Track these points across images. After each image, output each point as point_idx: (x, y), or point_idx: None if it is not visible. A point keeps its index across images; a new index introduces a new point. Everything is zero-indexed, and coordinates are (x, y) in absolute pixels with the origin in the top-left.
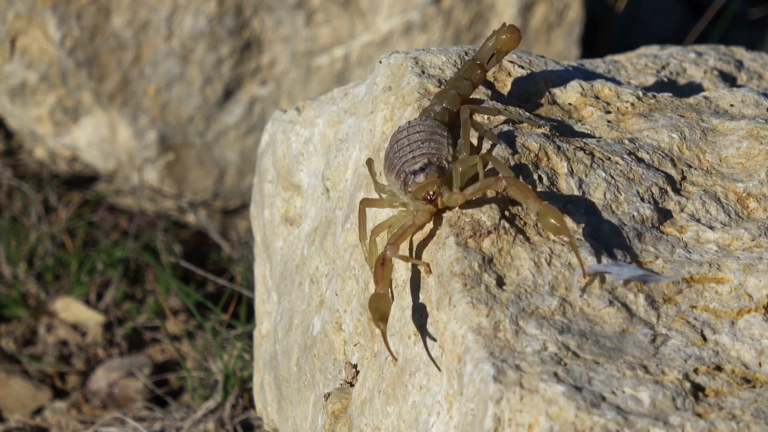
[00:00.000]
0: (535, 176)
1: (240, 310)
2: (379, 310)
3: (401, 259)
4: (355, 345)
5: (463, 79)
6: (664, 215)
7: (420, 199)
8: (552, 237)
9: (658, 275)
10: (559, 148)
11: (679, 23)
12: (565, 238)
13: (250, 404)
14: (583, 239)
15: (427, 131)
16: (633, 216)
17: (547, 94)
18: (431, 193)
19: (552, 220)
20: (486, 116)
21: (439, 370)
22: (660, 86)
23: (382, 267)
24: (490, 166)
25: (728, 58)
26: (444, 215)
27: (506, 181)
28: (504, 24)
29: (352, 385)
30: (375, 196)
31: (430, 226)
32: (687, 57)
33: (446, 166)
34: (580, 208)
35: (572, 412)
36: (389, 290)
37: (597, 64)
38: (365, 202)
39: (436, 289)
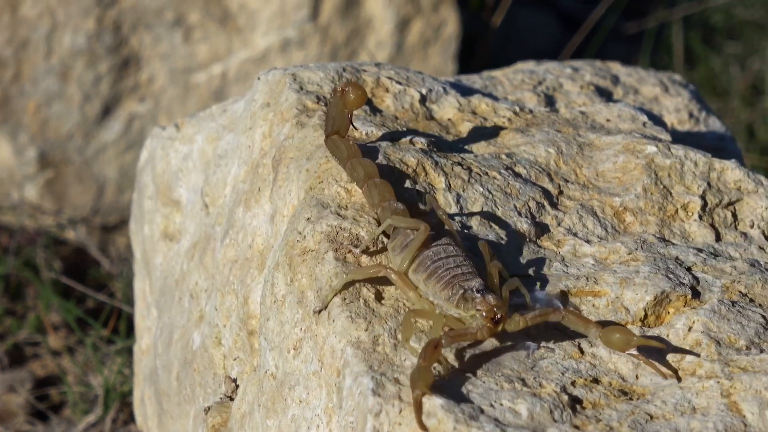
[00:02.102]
0: (413, 192)
1: (120, 325)
2: (422, 382)
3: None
4: (235, 359)
5: (348, 160)
6: (542, 230)
7: (486, 318)
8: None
9: (538, 291)
10: (437, 163)
11: (556, 38)
12: (634, 352)
13: (131, 418)
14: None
15: (455, 245)
16: (510, 230)
17: (424, 108)
18: (500, 316)
19: (618, 335)
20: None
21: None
22: (537, 102)
23: (434, 350)
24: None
25: (604, 73)
26: (318, 230)
27: (565, 311)
28: (346, 83)
29: (231, 399)
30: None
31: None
32: (563, 72)
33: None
34: (459, 220)
35: (451, 425)
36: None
37: (474, 80)
38: (415, 314)
39: (315, 304)
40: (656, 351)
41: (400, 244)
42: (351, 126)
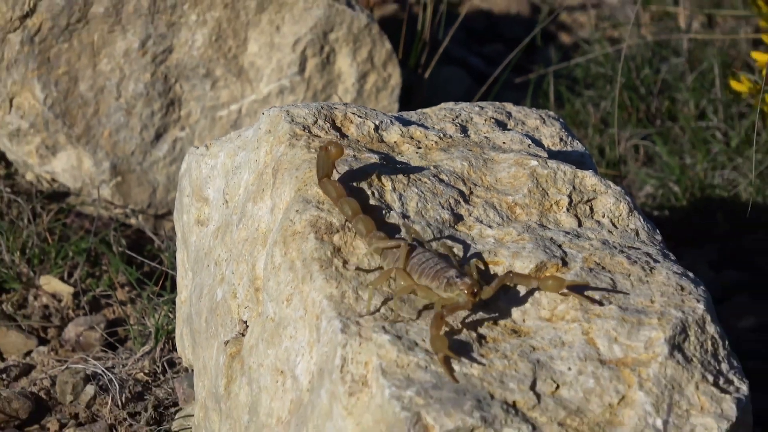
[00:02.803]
0: (369, 192)
1: (167, 284)
2: (441, 345)
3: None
4: (246, 308)
5: (339, 200)
6: (458, 218)
7: (468, 294)
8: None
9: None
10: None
11: (467, 88)
12: (565, 290)
13: (173, 349)
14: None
15: (429, 251)
16: (437, 219)
17: (377, 134)
18: (476, 290)
19: (551, 282)
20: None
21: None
22: (454, 130)
23: (440, 320)
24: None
25: (501, 110)
26: (304, 218)
27: (513, 274)
28: (329, 141)
29: (243, 335)
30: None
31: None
32: (473, 110)
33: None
34: (400, 212)
35: (395, 353)
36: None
37: (411, 115)
38: (420, 291)
39: (301, 270)
40: (579, 288)
41: (393, 259)
42: (335, 171)
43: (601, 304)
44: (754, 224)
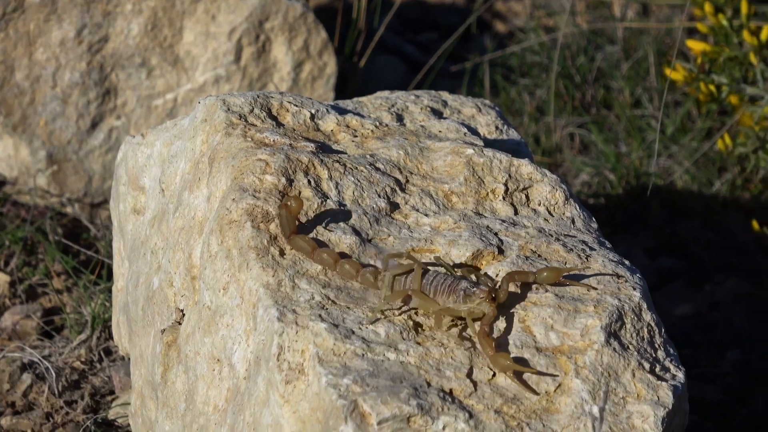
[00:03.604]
0: (306, 181)
1: (103, 272)
2: (505, 361)
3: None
4: (182, 296)
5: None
6: (394, 207)
7: (488, 300)
8: (318, 222)
9: (391, 250)
10: (322, 161)
11: (402, 76)
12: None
13: (110, 337)
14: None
15: (431, 269)
16: (373, 207)
17: (314, 123)
18: (494, 295)
19: (546, 274)
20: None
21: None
22: (390, 118)
23: (487, 337)
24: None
25: (437, 99)
26: (240, 207)
27: (513, 272)
28: (286, 198)
29: (180, 324)
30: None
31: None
32: (409, 98)
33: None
34: (337, 201)
35: (331, 342)
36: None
37: (347, 104)
38: (444, 311)
39: (238, 258)
40: (575, 276)
41: (401, 284)
42: (298, 224)
43: (595, 289)
44: (689, 212)
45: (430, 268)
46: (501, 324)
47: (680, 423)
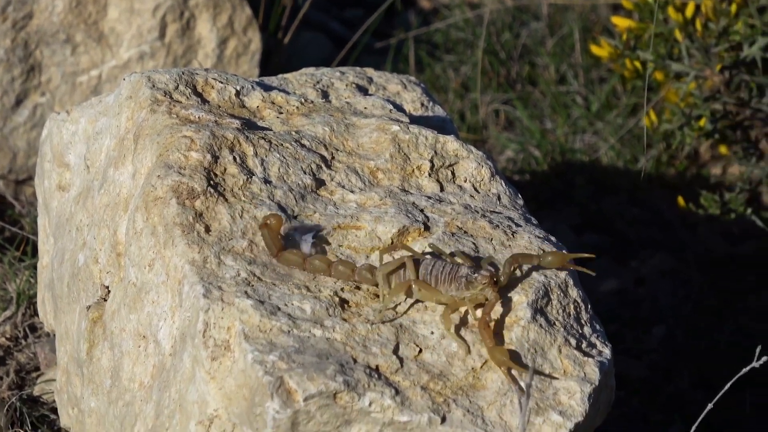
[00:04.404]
0: (231, 157)
1: (28, 249)
2: (502, 357)
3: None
4: (107, 273)
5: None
6: (320, 183)
7: (490, 286)
8: (243, 198)
9: (318, 225)
10: (247, 137)
11: (328, 53)
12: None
13: (35, 313)
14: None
15: (429, 258)
16: (299, 184)
17: (239, 100)
18: (496, 279)
19: (551, 258)
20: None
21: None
22: (316, 95)
23: (488, 328)
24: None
25: (362, 75)
26: (165, 183)
27: (517, 255)
28: (265, 217)
29: (105, 300)
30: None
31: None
32: (334, 75)
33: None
34: (262, 177)
35: (257, 318)
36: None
37: (272, 80)
38: (448, 308)
39: (163, 234)
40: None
41: (402, 277)
42: (282, 240)
43: (594, 274)
44: (614, 188)
45: (427, 256)
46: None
47: (607, 399)
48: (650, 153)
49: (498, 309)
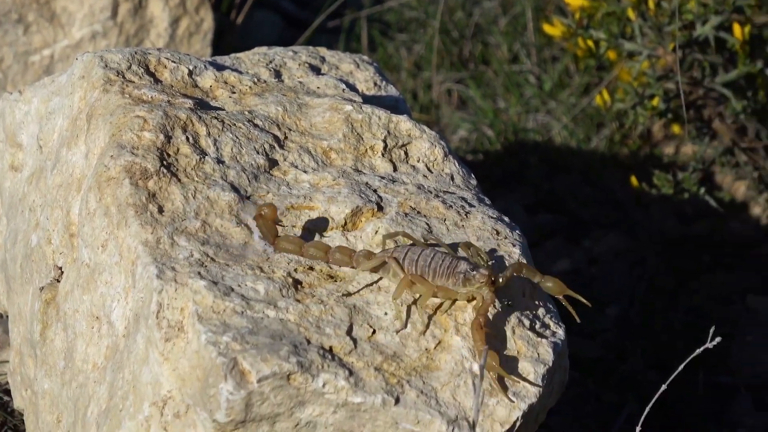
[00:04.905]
0: (184, 137)
1: None
2: (492, 362)
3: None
4: (61, 254)
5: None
6: (273, 163)
7: (488, 285)
8: (196, 179)
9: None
10: (200, 117)
11: (280, 32)
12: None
13: None
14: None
15: (428, 248)
16: (252, 164)
17: (192, 80)
18: (494, 279)
19: (551, 285)
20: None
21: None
22: (269, 75)
23: (480, 330)
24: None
25: (315, 55)
26: (118, 163)
27: (520, 266)
28: (260, 207)
29: (59, 281)
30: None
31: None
32: (287, 54)
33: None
34: (215, 157)
35: (211, 299)
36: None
37: (225, 60)
38: (447, 296)
39: (116, 215)
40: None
41: (395, 269)
42: (278, 227)
43: (590, 306)
44: (567, 168)
45: (419, 247)
46: (382, 281)
47: (561, 380)
48: (603, 132)
49: None
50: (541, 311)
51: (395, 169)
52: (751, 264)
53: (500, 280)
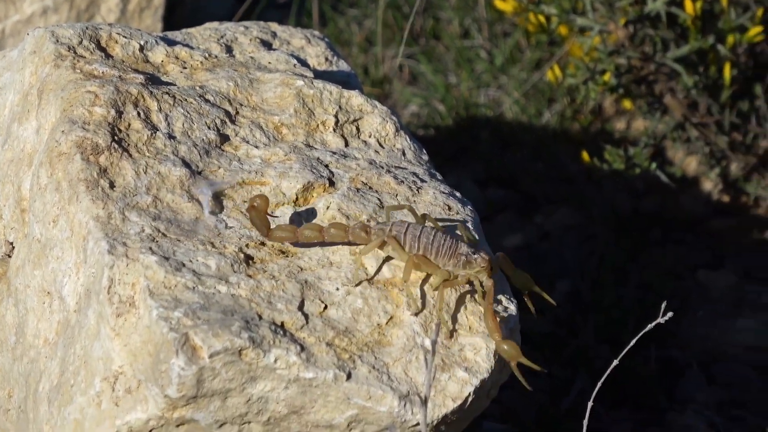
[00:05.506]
0: (135, 113)
1: None
2: (514, 352)
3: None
4: (12, 229)
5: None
6: (224, 139)
7: (486, 270)
8: (148, 154)
9: (222, 182)
10: (151, 92)
11: (230, 7)
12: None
13: None
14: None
15: (429, 228)
16: (203, 139)
17: (143, 55)
18: (492, 266)
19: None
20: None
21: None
22: (220, 50)
23: (494, 319)
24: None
25: (266, 30)
26: (70, 139)
27: (504, 258)
28: (252, 198)
29: (10, 257)
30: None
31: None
32: (238, 30)
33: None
34: (167, 133)
35: (162, 274)
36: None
37: (176, 35)
38: (445, 285)
39: (67, 190)
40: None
41: (395, 248)
42: (271, 218)
43: (555, 305)
44: (518, 143)
45: (428, 224)
46: (334, 256)
47: None
48: (554, 108)
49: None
50: None
51: (347, 144)
52: (702, 239)
53: (495, 267)
